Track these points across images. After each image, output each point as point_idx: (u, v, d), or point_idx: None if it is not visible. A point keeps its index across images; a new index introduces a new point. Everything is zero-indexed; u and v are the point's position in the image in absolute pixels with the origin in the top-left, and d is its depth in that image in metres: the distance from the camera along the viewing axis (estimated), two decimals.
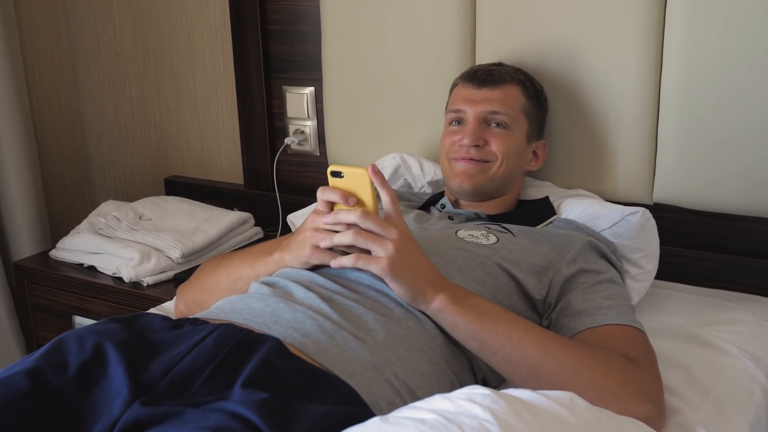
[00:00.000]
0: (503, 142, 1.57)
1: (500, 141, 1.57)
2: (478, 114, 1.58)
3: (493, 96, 1.59)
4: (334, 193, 1.21)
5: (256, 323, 1.15)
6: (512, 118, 1.58)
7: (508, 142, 1.57)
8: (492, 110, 1.57)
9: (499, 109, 1.57)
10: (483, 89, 1.60)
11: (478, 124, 1.57)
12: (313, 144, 2.23)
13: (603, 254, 1.45)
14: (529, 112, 1.62)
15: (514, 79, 1.62)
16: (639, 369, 1.18)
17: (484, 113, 1.58)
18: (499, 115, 1.57)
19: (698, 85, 1.61)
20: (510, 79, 1.62)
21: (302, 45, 2.16)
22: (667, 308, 1.61)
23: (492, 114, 1.57)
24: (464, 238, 1.41)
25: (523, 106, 1.61)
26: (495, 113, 1.57)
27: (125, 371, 1.02)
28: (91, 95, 2.70)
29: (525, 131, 1.61)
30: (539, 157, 1.67)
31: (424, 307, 1.19)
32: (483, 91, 1.60)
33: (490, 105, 1.58)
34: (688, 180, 1.67)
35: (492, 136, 1.57)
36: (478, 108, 1.58)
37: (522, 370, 1.16)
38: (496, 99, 1.58)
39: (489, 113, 1.57)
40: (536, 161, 1.67)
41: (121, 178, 2.74)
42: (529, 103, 1.62)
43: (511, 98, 1.60)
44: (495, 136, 1.57)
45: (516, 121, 1.59)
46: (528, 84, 1.64)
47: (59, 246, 2.17)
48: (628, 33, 1.65)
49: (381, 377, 1.10)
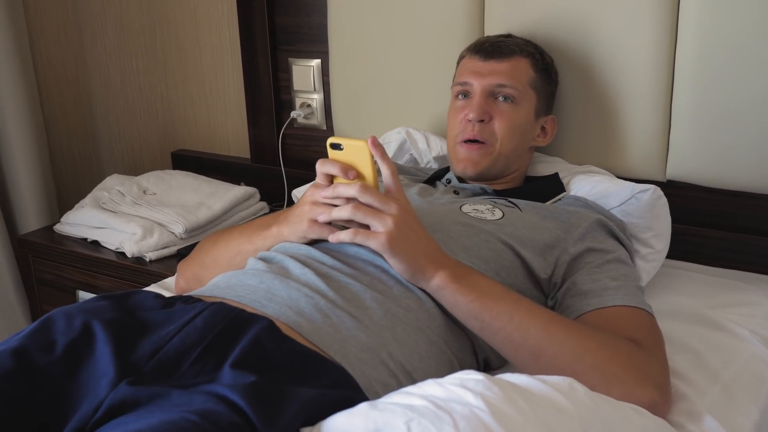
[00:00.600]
0: (508, 119, 1.52)
1: (505, 118, 1.52)
2: (484, 87, 1.53)
3: (500, 68, 1.54)
4: (334, 165, 1.18)
5: (249, 300, 1.13)
6: (520, 91, 1.53)
7: (513, 118, 1.53)
8: (499, 83, 1.53)
9: (506, 82, 1.52)
10: (490, 61, 1.55)
11: (485, 97, 1.53)
12: (320, 118, 2.19)
13: (612, 233, 1.41)
14: (538, 85, 1.57)
15: (524, 51, 1.57)
16: (644, 353, 1.14)
17: (491, 86, 1.53)
18: (506, 88, 1.52)
19: (714, 58, 1.55)
20: (519, 52, 1.57)
21: (309, 16, 2.12)
22: (678, 289, 1.56)
23: (499, 87, 1.53)
24: (469, 213, 1.37)
25: (531, 80, 1.56)
26: (502, 86, 1.53)
27: (112, 351, 0.99)
28: (97, 68, 2.67)
29: (533, 106, 1.56)
30: (548, 132, 1.63)
31: (423, 284, 1.16)
32: (490, 63, 1.55)
33: (497, 78, 1.53)
34: (703, 156, 1.62)
35: (498, 111, 1.52)
36: (485, 81, 1.53)
37: (523, 351, 1.12)
38: (503, 72, 1.53)
39: (496, 86, 1.53)
40: (544, 137, 1.62)
41: (129, 152, 2.72)
42: (538, 77, 1.57)
43: (519, 71, 1.55)
44: (501, 113, 1.52)
45: (524, 95, 1.54)
46: (538, 56, 1.59)
47: (63, 220, 2.15)
48: (642, 4, 1.59)
49: (376, 359, 1.07)
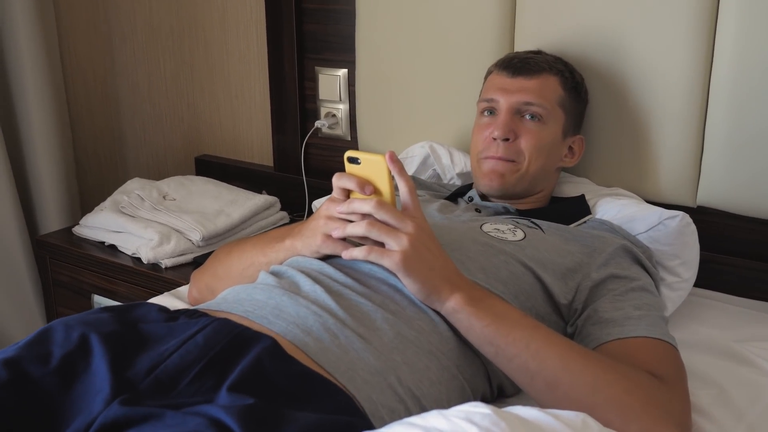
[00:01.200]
0: (534, 138, 1.47)
1: (531, 137, 1.47)
2: (511, 104, 1.49)
3: (528, 86, 1.49)
4: (350, 180, 1.15)
5: (256, 317, 1.10)
6: (548, 110, 1.49)
7: (540, 138, 1.48)
8: (526, 101, 1.48)
9: (533, 100, 1.48)
10: (518, 78, 1.51)
11: (511, 115, 1.49)
12: (344, 128, 2.15)
13: (637, 259, 1.36)
14: (567, 104, 1.53)
15: (553, 68, 1.53)
16: (666, 387, 1.09)
17: (518, 104, 1.49)
18: (534, 106, 1.48)
19: (751, 81, 1.49)
20: (548, 69, 1.52)
21: (337, 25, 2.09)
22: (705, 319, 1.51)
23: (526, 105, 1.48)
24: (489, 232, 1.33)
25: (560, 98, 1.51)
26: (529, 104, 1.48)
27: (108, 366, 0.96)
28: (126, 70, 2.66)
29: (561, 125, 1.52)
30: (575, 153, 1.58)
31: (438, 306, 1.12)
32: (518, 80, 1.51)
33: (525, 95, 1.48)
34: (736, 183, 1.56)
35: (524, 130, 1.48)
36: (512, 98, 1.49)
37: (538, 381, 1.08)
38: (531, 89, 1.49)
39: (523, 104, 1.48)
40: (572, 157, 1.58)
41: (153, 156, 2.70)
42: (567, 95, 1.53)
43: (547, 89, 1.50)
44: (527, 131, 1.48)
45: (552, 114, 1.49)
46: (567, 74, 1.54)
47: (82, 223, 2.13)
48: (678, 22, 1.54)
49: (384, 383, 1.03)
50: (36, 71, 2.35)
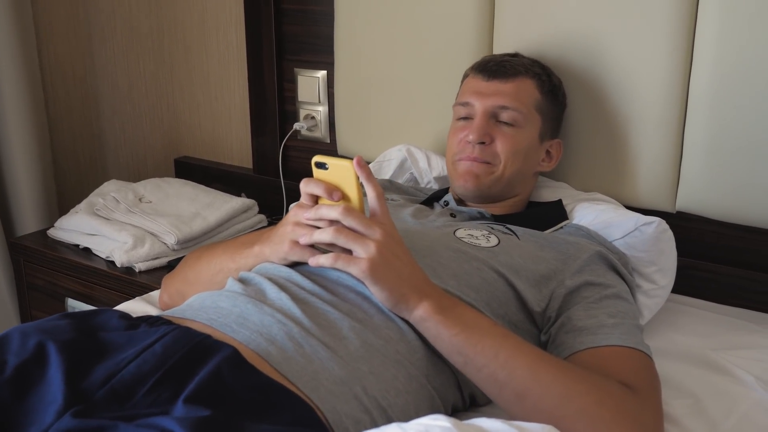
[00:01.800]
0: (510, 142, 1.45)
1: (507, 140, 1.45)
2: (486, 108, 1.47)
3: (504, 89, 1.47)
4: (318, 186, 1.12)
5: (219, 325, 1.07)
6: (524, 114, 1.47)
7: (516, 142, 1.46)
8: (501, 105, 1.46)
9: (509, 103, 1.46)
10: (494, 81, 1.49)
11: (486, 119, 1.47)
12: (323, 130, 2.13)
13: (613, 266, 1.33)
14: (544, 108, 1.50)
15: (529, 71, 1.51)
16: (638, 398, 1.07)
17: (493, 108, 1.47)
18: (509, 110, 1.46)
19: (731, 86, 1.47)
20: (524, 72, 1.50)
21: (316, 26, 2.06)
22: (682, 327, 1.48)
23: (501, 109, 1.46)
24: (462, 238, 1.30)
25: (536, 102, 1.49)
26: (504, 108, 1.46)
27: (63, 376, 0.93)
28: (105, 70, 2.63)
29: (537, 129, 1.50)
30: (553, 157, 1.56)
31: (406, 314, 1.10)
32: (493, 83, 1.49)
33: (500, 99, 1.46)
34: (715, 188, 1.54)
35: (500, 134, 1.46)
36: (487, 102, 1.47)
37: (507, 391, 1.05)
38: (507, 93, 1.47)
39: (498, 108, 1.46)
40: (549, 161, 1.55)
41: (133, 157, 2.67)
42: (544, 99, 1.51)
43: (523, 93, 1.48)
44: (503, 135, 1.46)
45: (528, 117, 1.47)
46: (544, 77, 1.52)
47: (57, 225, 2.10)
48: (657, 25, 1.52)
49: (349, 393, 1.01)
50: (12, 71, 2.31)
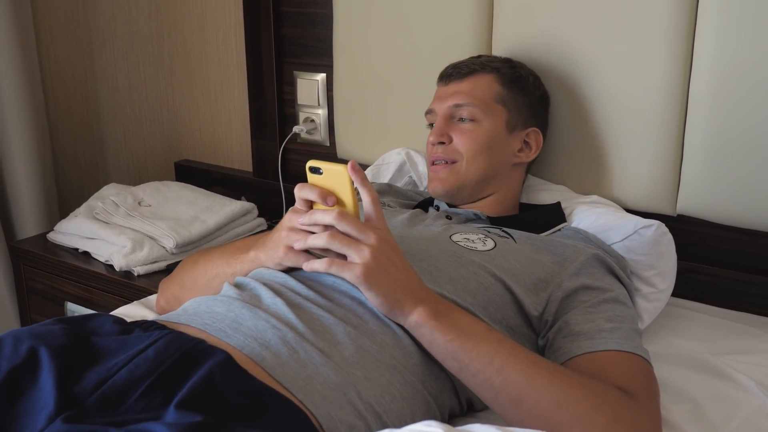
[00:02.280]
0: (468, 137, 1.47)
1: (465, 137, 1.47)
2: (443, 111, 1.50)
3: (460, 88, 1.50)
4: (312, 191, 1.12)
5: (213, 329, 1.07)
6: (481, 108, 1.47)
7: (475, 135, 1.47)
8: (456, 103, 1.49)
9: (462, 101, 1.48)
10: (451, 84, 1.52)
11: (445, 120, 1.49)
12: (323, 133, 2.12)
13: (611, 270, 1.32)
14: (507, 99, 1.50)
15: (486, 67, 1.52)
16: (635, 404, 1.05)
17: (449, 108, 1.49)
18: (463, 107, 1.48)
19: (731, 88, 1.46)
20: (480, 69, 1.52)
21: (315, 29, 2.05)
22: (682, 331, 1.47)
23: (456, 108, 1.49)
24: (458, 242, 1.29)
25: (496, 94, 1.49)
26: (458, 106, 1.48)
27: (55, 382, 0.93)
28: (106, 73, 2.63)
29: (503, 121, 1.49)
30: (532, 146, 1.54)
31: (401, 320, 1.09)
32: (451, 86, 1.52)
33: (455, 98, 1.49)
34: (716, 191, 1.52)
35: (458, 131, 1.48)
36: (444, 104, 1.50)
37: (503, 396, 1.04)
38: (461, 91, 1.49)
39: (453, 107, 1.49)
40: (528, 151, 1.54)
41: (134, 160, 2.67)
42: (505, 90, 1.50)
43: (479, 88, 1.49)
44: (460, 132, 1.47)
45: (486, 111, 1.47)
46: (505, 70, 1.52)
47: (57, 229, 2.09)
48: (656, 27, 1.50)
49: (343, 398, 1.00)
50: (12, 75, 2.31)
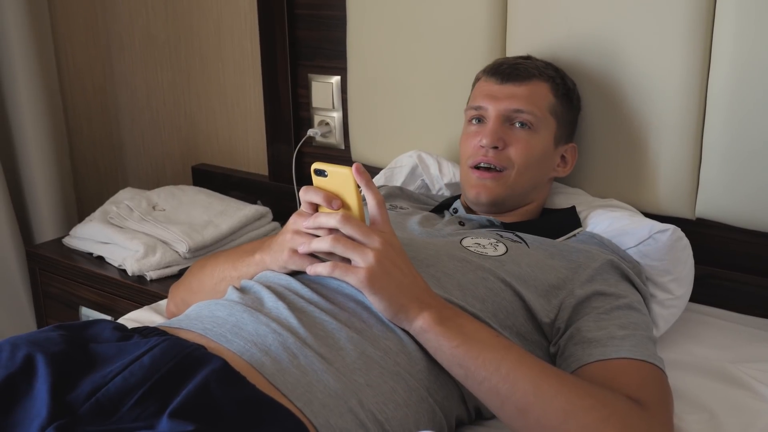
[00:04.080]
0: (524, 147, 1.42)
1: (521, 145, 1.42)
2: (500, 112, 1.43)
3: (518, 92, 1.43)
4: (317, 194, 1.10)
5: (214, 334, 1.05)
6: (538, 118, 1.43)
7: (531, 147, 1.42)
8: (516, 108, 1.42)
9: (523, 107, 1.42)
10: (507, 85, 1.45)
11: (500, 123, 1.43)
12: (338, 136, 2.10)
13: (625, 275, 1.29)
14: (558, 112, 1.46)
15: (543, 74, 1.47)
16: (646, 415, 1.02)
17: (507, 111, 1.43)
18: (524, 114, 1.42)
19: (750, 88, 1.42)
20: (538, 75, 1.46)
21: (329, 31, 2.03)
22: (699, 338, 1.43)
23: (516, 113, 1.42)
24: (468, 247, 1.27)
25: (551, 106, 1.45)
26: (519, 112, 1.42)
27: (49, 390, 0.92)
28: (124, 79, 2.63)
29: (552, 133, 1.46)
30: (568, 162, 1.51)
31: (406, 325, 1.07)
32: (507, 86, 1.45)
33: (514, 102, 1.42)
34: (736, 194, 1.48)
35: (514, 138, 1.42)
36: (501, 105, 1.43)
37: (509, 405, 1.02)
38: (521, 96, 1.43)
39: (512, 111, 1.42)
40: (564, 167, 1.51)
41: (152, 165, 2.67)
42: (558, 102, 1.46)
43: (538, 96, 1.44)
44: (517, 140, 1.42)
45: (542, 121, 1.43)
46: (558, 81, 1.48)
47: (72, 233, 2.09)
48: (674, 27, 1.47)
49: (344, 406, 0.98)
50: (30, 80, 2.32)
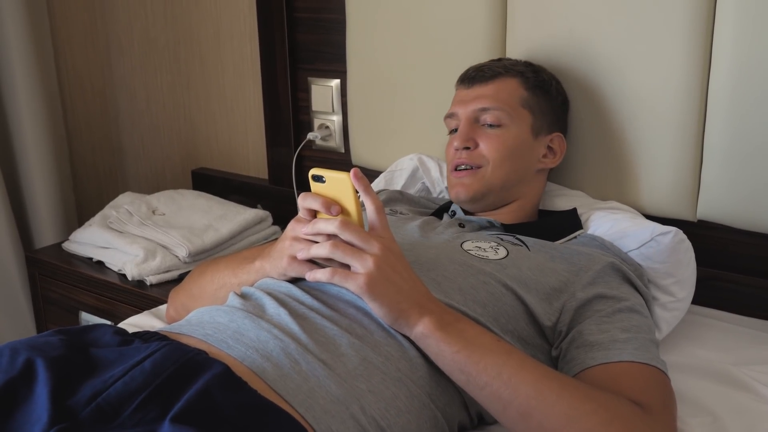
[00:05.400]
0: (495, 143, 1.43)
1: (492, 141, 1.43)
2: (467, 114, 1.46)
3: (484, 92, 1.46)
4: (315, 200, 1.09)
5: (215, 340, 1.05)
6: (507, 112, 1.44)
7: (502, 141, 1.43)
8: (481, 107, 1.44)
9: (488, 105, 1.44)
10: (474, 87, 1.48)
11: (469, 124, 1.45)
12: (338, 140, 2.10)
13: (627, 278, 1.28)
14: (532, 103, 1.47)
15: (510, 71, 1.48)
16: (649, 419, 1.02)
17: (474, 112, 1.45)
18: (489, 111, 1.44)
19: (751, 89, 1.41)
20: (504, 72, 1.48)
21: (329, 34, 2.03)
22: (702, 340, 1.42)
23: (481, 111, 1.44)
24: (469, 250, 1.26)
25: (522, 99, 1.46)
26: (484, 110, 1.44)
27: (49, 394, 0.91)
28: (124, 82, 2.63)
29: (528, 125, 1.46)
30: (556, 152, 1.51)
31: (406, 330, 1.06)
32: (474, 89, 1.48)
33: (480, 102, 1.45)
34: (738, 195, 1.48)
35: (483, 136, 1.44)
36: (468, 107, 1.46)
37: (511, 410, 1.01)
38: (487, 95, 1.45)
39: (478, 111, 1.45)
40: (553, 157, 1.50)
41: (152, 169, 2.67)
42: (530, 94, 1.47)
43: (505, 92, 1.46)
44: (487, 137, 1.43)
45: (513, 115, 1.44)
46: (529, 74, 1.49)
47: (72, 238, 2.09)
48: (674, 28, 1.46)
49: (345, 412, 0.97)
50: (29, 84, 2.31)
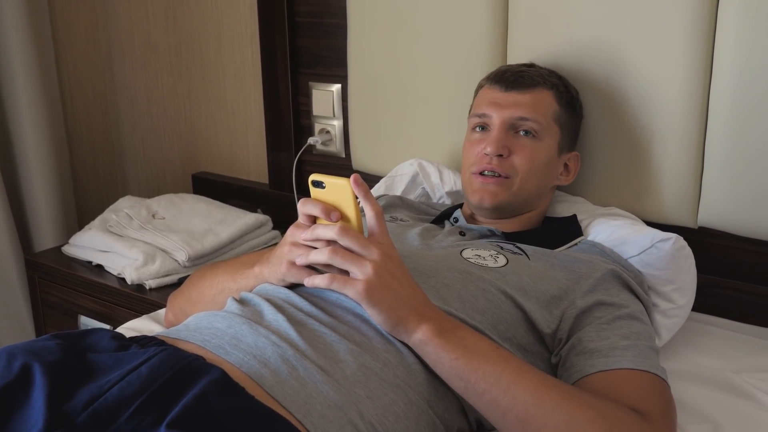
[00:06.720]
0: (528, 155, 1.41)
1: (525, 153, 1.41)
2: (504, 119, 1.42)
3: (522, 100, 1.42)
4: (315, 206, 1.09)
5: (213, 346, 1.04)
6: (543, 126, 1.42)
7: (535, 155, 1.41)
8: (520, 116, 1.41)
9: (528, 115, 1.41)
10: (511, 92, 1.44)
11: (504, 131, 1.42)
12: (338, 145, 2.09)
13: (627, 285, 1.28)
14: (562, 120, 1.46)
15: (547, 82, 1.46)
16: (649, 426, 1.01)
17: (512, 119, 1.42)
18: (528, 121, 1.41)
19: (752, 96, 1.41)
20: (542, 83, 1.45)
21: (330, 39, 2.03)
22: (703, 347, 1.42)
23: (520, 120, 1.41)
24: (469, 258, 1.26)
25: (555, 113, 1.44)
26: (523, 119, 1.41)
27: (45, 399, 0.91)
28: (125, 85, 2.63)
29: (556, 141, 1.45)
30: (571, 170, 1.51)
31: (405, 337, 1.06)
32: (511, 94, 1.44)
33: (519, 110, 1.41)
34: (739, 202, 1.47)
35: (518, 146, 1.41)
36: (505, 113, 1.42)
37: (510, 418, 1.01)
38: (525, 104, 1.42)
39: (517, 119, 1.41)
40: (567, 175, 1.50)
41: (152, 172, 2.66)
42: (562, 110, 1.46)
43: (542, 104, 1.43)
44: (521, 148, 1.41)
45: (547, 129, 1.42)
46: (562, 89, 1.47)
47: (71, 242, 2.09)
48: (675, 34, 1.46)
49: (344, 418, 0.97)
50: (30, 87, 2.31)
